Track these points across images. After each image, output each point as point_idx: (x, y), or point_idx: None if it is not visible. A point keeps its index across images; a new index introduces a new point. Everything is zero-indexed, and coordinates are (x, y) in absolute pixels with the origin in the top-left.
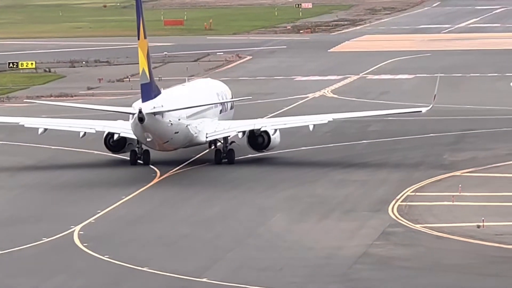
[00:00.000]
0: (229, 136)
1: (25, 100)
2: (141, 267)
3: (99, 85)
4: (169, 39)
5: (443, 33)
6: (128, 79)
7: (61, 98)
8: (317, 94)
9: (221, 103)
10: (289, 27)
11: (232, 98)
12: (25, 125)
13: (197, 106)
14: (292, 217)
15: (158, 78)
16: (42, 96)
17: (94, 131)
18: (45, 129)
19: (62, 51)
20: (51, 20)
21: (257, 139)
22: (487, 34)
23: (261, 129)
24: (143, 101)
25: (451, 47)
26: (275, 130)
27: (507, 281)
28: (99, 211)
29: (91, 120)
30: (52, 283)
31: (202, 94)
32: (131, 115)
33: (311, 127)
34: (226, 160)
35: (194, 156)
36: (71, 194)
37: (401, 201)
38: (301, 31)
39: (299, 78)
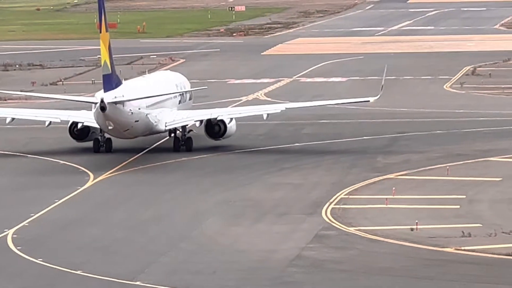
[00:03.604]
0: (187, 125)
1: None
2: (75, 270)
3: (32, 88)
4: None
5: (376, 36)
6: (61, 82)
7: None
8: (250, 97)
9: (180, 94)
10: (222, 30)
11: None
12: None
13: (156, 96)
14: (225, 220)
15: (91, 81)
16: None
17: (59, 120)
18: (13, 119)
19: None
20: None
21: (214, 128)
22: (420, 37)
23: (218, 118)
24: (105, 91)
25: (384, 50)
26: (231, 119)
27: (440, 284)
28: (33, 214)
29: (57, 110)
30: None
31: (162, 85)
32: (93, 104)
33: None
34: (184, 147)
35: (128, 160)
36: (3, 197)
37: (335, 204)
38: (234, 34)
39: (232, 81)
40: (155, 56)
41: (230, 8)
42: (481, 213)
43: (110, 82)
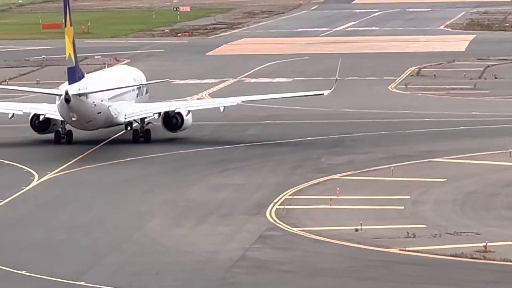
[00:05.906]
0: (146, 117)
1: None
2: (19, 270)
3: None
4: (48, 43)
5: (321, 36)
6: (6, 82)
7: None
8: (195, 97)
9: (137, 88)
10: (167, 30)
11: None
12: None
13: (118, 88)
14: (168, 221)
15: (36, 82)
16: None
17: (22, 113)
18: None
19: None
20: None
21: (171, 120)
22: (365, 37)
23: (175, 111)
24: (69, 84)
25: (329, 50)
26: (188, 112)
27: (384, 284)
28: None
29: (19, 103)
30: None
31: (121, 79)
32: (57, 97)
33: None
34: (142, 139)
35: (72, 159)
36: None
37: (279, 205)
38: (179, 35)
39: (176, 81)
40: (99, 57)
41: (174, 9)
42: (425, 214)
43: (74, 75)
